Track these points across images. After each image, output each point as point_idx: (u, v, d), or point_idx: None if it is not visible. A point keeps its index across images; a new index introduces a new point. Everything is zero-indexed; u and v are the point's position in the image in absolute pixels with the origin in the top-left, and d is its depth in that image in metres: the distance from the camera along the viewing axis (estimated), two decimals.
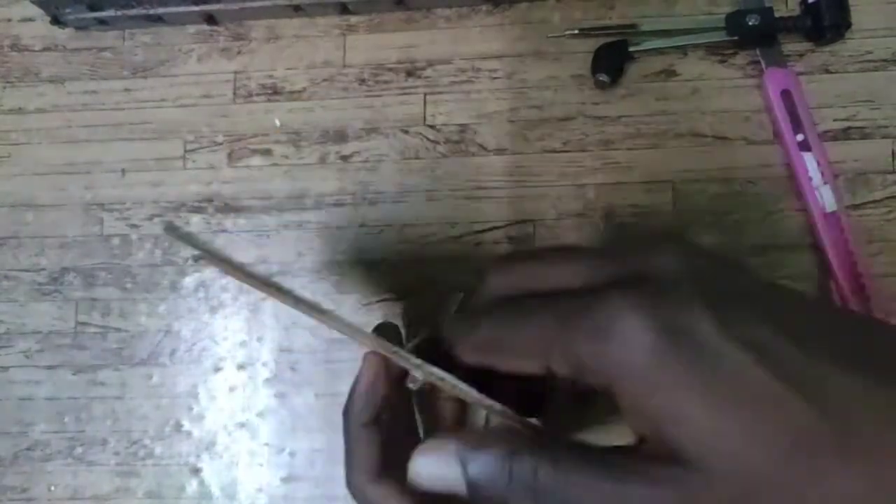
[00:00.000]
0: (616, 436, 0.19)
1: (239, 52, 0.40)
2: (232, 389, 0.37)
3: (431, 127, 0.38)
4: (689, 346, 0.17)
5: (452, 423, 0.24)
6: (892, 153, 0.36)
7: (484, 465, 0.19)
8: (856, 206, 0.35)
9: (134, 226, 0.39)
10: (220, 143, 0.39)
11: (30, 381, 0.39)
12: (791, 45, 0.37)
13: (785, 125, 0.35)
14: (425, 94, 0.39)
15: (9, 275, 0.40)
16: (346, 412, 0.23)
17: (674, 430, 0.17)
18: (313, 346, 0.37)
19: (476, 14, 0.39)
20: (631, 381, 0.18)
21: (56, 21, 0.40)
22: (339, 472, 0.36)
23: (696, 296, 0.18)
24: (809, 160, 0.35)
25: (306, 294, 0.37)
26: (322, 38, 0.40)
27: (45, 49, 0.41)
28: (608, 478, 0.18)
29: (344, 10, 0.39)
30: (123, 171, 0.40)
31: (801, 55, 0.37)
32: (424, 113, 0.38)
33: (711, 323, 0.17)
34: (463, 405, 0.24)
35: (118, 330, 0.38)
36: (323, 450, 0.36)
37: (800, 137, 0.35)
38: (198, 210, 0.39)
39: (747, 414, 0.17)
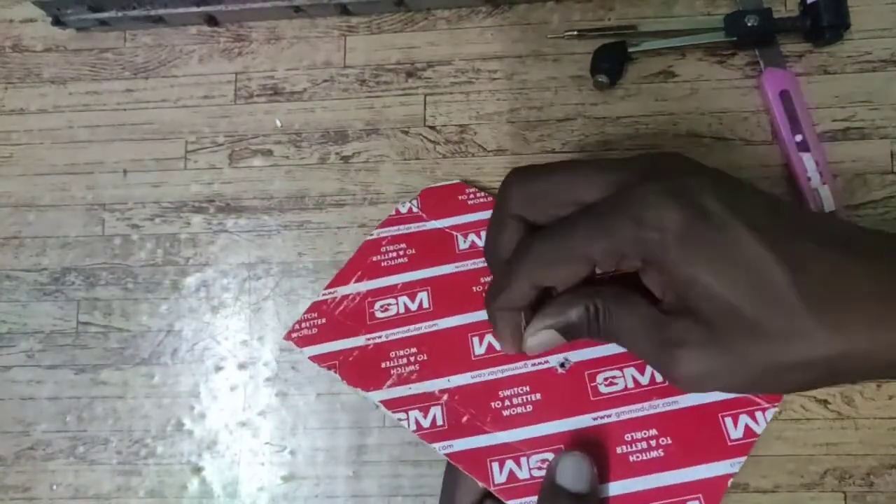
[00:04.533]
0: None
1: (240, 53, 0.40)
2: (233, 389, 0.38)
3: (431, 127, 0.38)
4: (705, 224, 0.22)
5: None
6: (891, 153, 0.36)
7: (571, 321, 0.27)
8: (854, 207, 0.35)
9: (135, 226, 0.39)
10: (221, 144, 0.40)
11: (31, 381, 0.39)
12: (790, 46, 0.37)
13: (783, 126, 0.35)
14: (425, 95, 0.39)
15: (10, 275, 0.40)
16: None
17: (691, 293, 0.23)
18: None
19: (476, 15, 0.39)
20: (663, 257, 0.23)
21: (57, 22, 0.40)
22: (340, 471, 0.36)
23: (708, 185, 0.23)
24: (808, 160, 0.35)
25: (307, 294, 0.37)
26: (322, 38, 0.40)
27: (47, 50, 0.42)
28: (648, 329, 0.25)
29: (344, 11, 0.39)
30: (125, 171, 0.40)
31: (799, 56, 0.37)
32: (424, 113, 0.39)
33: (722, 204, 0.22)
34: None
35: (120, 330, 0.39)
36: (324, 448, 0.36)
37: (798, 138, 0.35)
38: (199, 210, 0.39)
39: (741, 274, 0.22)
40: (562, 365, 0.32)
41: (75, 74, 0.41)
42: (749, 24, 0.36)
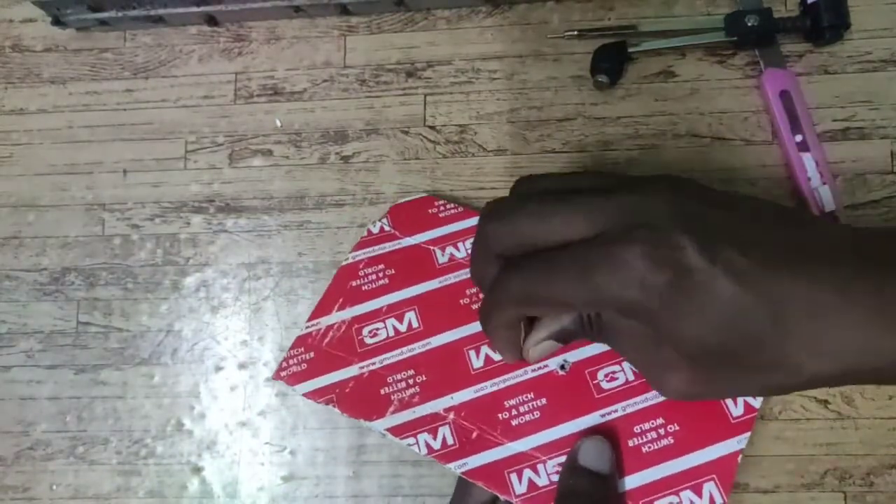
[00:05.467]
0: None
1: (240, 53, 0.40)
2: (233, 389, 0.38)
3: (431, 127, 0.38)
4: (687, 282, 0.23)
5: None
6: (891, 153, 0.36)
7: (566, 330, 0.29)
8: (854, 207, 0.35)
9: (135, 226, 0.39)
10: (221, 144, 0.40)
11: (31, 381, 0.39)
12: (790, 46, 0.37)
13: (784, 126, 0.35)
14: (425, 95, 0.39)
15: (10, 275, 0.40)
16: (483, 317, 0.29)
17: (676, 341, 0.24)
18: None
19: (476, 15, 0.39)
20: (646, 315, 0.24)
21: (57, 22, 0.40)
22: (340, 470, 0.36)
23: (690, 234, 0.23)
24: (808, 161, 0.35)
25: (307, 293, 0.37)
26: (322, 38, 0.40)
27: (47, 50, 0.42)
28: (635, 336, 0.26)
29: (344, 11, 0.39)
30: (125, 171, 0.40)
31: (800, 56, 0.37)
32: (424, 113, 0.39)
33: (703, 259, 0.23)
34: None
35: (120, 330, 0.39)
36: (324, 448, 0.36)
37: (798, 138, 0.35)
38: (199, 210, 0.39)
39: (725, 321, 0.23)
40: (562, 367, 0.32)
41: (75, 74, 0.41)
42: (749, 24, 0.36)
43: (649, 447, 0.31)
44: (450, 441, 0.32)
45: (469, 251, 0.34)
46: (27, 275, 0.40)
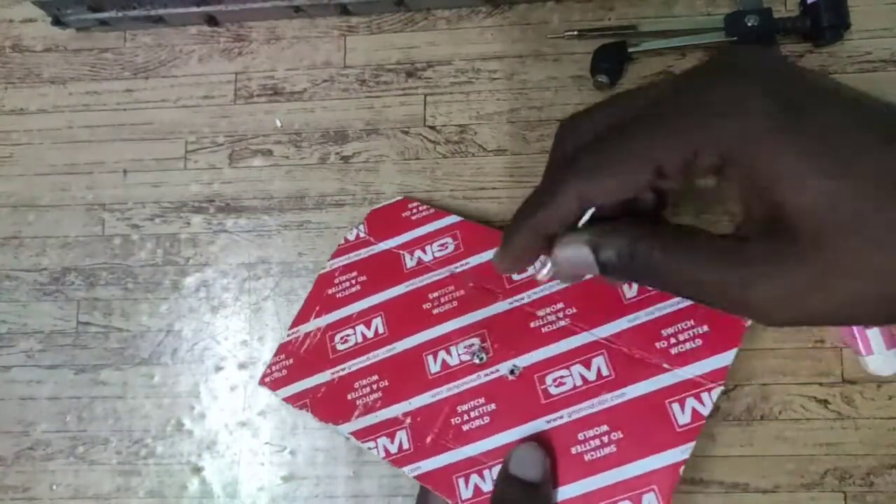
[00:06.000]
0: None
1: (240, 53, 0.40)
2: (233, 389, 0.38)
3: (431, 128, 0.38)
4: (803, 115, 0.18)
5: None
6: None
7: (611, 249, 0.22)
8: None
9: (135, 226, 0.39)
10: (221, 144, 0.40)
11: (31, 381, 0.39)
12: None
13: None
14: (425, 95, 0.39)
15: (10, 275, 0.40)
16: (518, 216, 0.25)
17: (782, 191, 0.18)
18: None
19: (476, 15, 0.39)
20: (748, 147, 0.19)
21: (57, 22, 0.40)
22: (340, 470, 0.36)
23: (804, 75, 0.19)
24: None
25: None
26: (322, 39, 0.40)
27: (47, 50, 0.42)
28: (718, 263, 0.20)
29: (344, 11, 0.39)
30: (125, 171, 0.40)
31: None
32: (424, 114, 0.39)
33: (822, 98, 0.19)
34: None
35: (120, 330, 0.39)
36: (323, 448, 0.36)
37: None
38: (199, 210, 0.39)
39: (841, 163, 0.18)
40: (511, 372, 0.33)
41: (75, 74, 0.41)
42: (749, 24, 0.36)
43: (592, 455, 0.31)
44: (405, 445, 0.33)
45: (435, 255, 0.35)
46: (27, 275, 0.40)
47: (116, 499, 0.37)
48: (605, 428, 0.31)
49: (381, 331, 0.35)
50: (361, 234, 0.37)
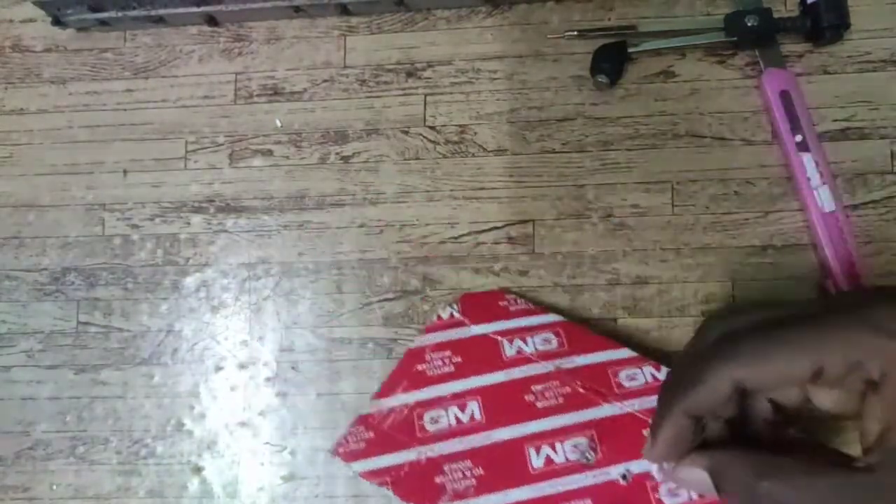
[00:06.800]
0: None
1: (240, 53, 0.40)
2: (233, 389, 0.38)
3: (431, 128, 0.38)
4: None
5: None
6: (891, 153, 0.36)
7: (731, 479, 0.23)
8: (854, 207, 0.35)
9: (135, 226, 0.39)
10: (222, 144, 0.40)
11: (32, 381, 0.39)
12: (790, 46, 0.37)
13: (783, 126, 0.35)
14: (425, 95, 0.39)
15: (10, 275, 0.40)
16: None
17: None
18: (314, 346, 0.37)
19: (476, 15, 0.39)
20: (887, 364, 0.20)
21: (57, 22, 0.40)
22: (340, 470, 0.36)
23: None
24: (808, 160, 0.35)
25: (308, 294, 0.37)
26: (322, 39, 0.40)
27: (47, 50, 0.42)
28: (849, 499, 0.20)
29: (344, 11, 0.39)
30: (125, 171, 0.40)
31: (799, 56, 0.37)
32: (424, 114, 0.39)
33: None
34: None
35: (120, 330, 0.39)
36: (324, 449, 0.36)
37: (798, 138, 0.35)
38: (199, 210, 0.39)
39: None
40: (623, 477, 0.31)
41: (75, 74, 0.41)
42: (749, 24, 0.36)
43: None
44: None
45: (537, 347, 0.34)
46: (27, 275, 0.40)
47: (116, 499, 0.37)
48: None
49: (477, 416, 0.34)
50: (456, 315, 0.36)
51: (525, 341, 0.35)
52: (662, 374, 0.33)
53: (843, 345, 0.21)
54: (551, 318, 0.35)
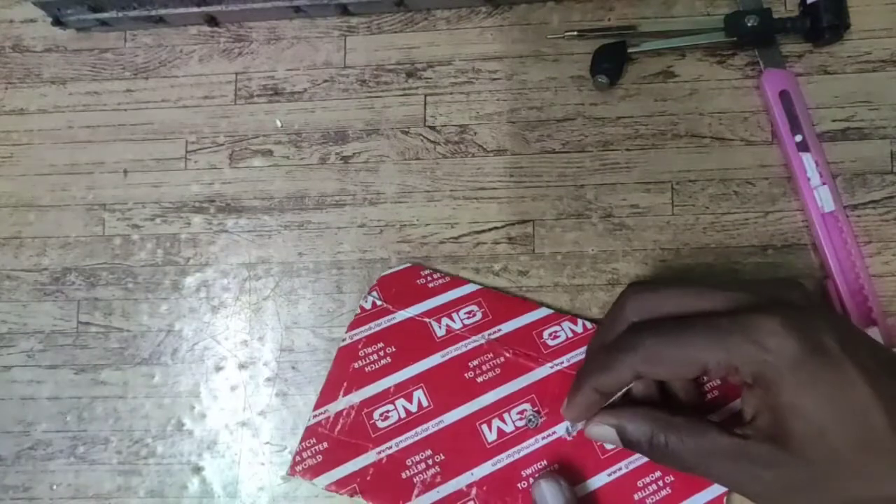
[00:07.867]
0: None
1: (240, 54, 0.40)
2: (233, 388, 0.38)
3: (431, 128, 0.38)
4: (820, 359, 0.24)
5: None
6: (891, 153, 0.36)
7: (633, 435, 0.29)
8: (854, 207, 0.35)
9: (136, 226, 0.39)
10: (222, 144, 0.40)
11: (32, 381, 0.39)
12: (789, 46, 0.37)
13: (783, 126, 0.35)
14: (425, 95, 0.39)
15: (11, 275, 0.40)
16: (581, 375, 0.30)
17: (791, 419, 0.24)
18: (314, 346, 0.37)
19: (475, 15, 0.39)
20: (774, 380, 0.25)
21: (57, 22, 0.40)
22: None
23: (825, 323, 0.25)
24: (808, 161, 0.35)
25: (308, 293, 0.37)
26: (322, 39, 0.40)
27: (47, 50, 0.42)
28: (723, 455, 0.26)
29: (344, 11, 0.39)
30: (125, 171, 0.40)
31: (799, 56, 0.37)
32: (424, 114, 0.39)
33: (836, 344, 0.24)
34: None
35: (120, 330, 0.39)
36: None
37: (798, 138, 0.35)
38: (199, 210, 0.39)
39: (846, 411, 0.24)
40: (567, 432, 0.33)
41: (75, 74, 0.41)
42: (749, 24, 0.36)
43: (652, 498, 0.32)
44: None
45: (464, 322, 0.35)
46: (27, 275, 0.40)
47: (117, 498, 0.37)
48: (658, 473, 0.32)
49: (424, 403, 0.34)
50: (378, 303, 0.36)
51: (451, 318, 0.36)
52: (579, 326, 0.35)
53: (725, 353, 0.25)
54: (469, 288, 0.36)
